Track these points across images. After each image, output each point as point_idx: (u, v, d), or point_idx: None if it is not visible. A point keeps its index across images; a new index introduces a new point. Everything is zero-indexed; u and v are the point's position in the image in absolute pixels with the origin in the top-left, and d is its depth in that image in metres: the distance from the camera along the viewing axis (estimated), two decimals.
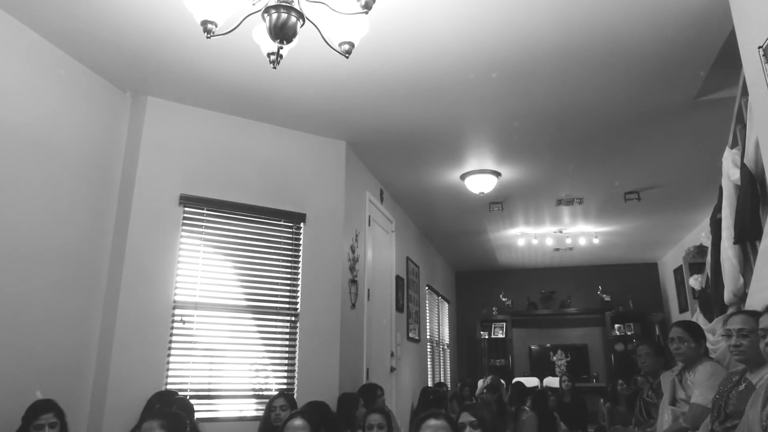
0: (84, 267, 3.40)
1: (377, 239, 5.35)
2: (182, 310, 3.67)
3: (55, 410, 2.77)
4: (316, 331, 4.08)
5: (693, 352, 3.04)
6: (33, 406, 2.73)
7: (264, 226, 4.06)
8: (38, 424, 2.70)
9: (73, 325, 3.30)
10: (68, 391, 3.18)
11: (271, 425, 3.36)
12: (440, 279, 8.76)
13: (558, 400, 7.09)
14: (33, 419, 2.70)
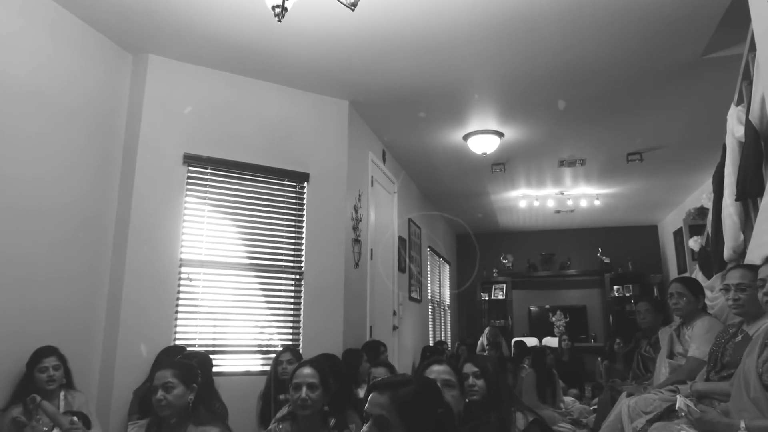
0: (90, 225, 3.44)
1: (380, 200, 5.37)
2: (188, 268, 3.72)
3: (57, 354, 2.86)
4: (320, 289, 4.14)
5: (692, 307, 3.10)
6: (36, 351, 2.82)
7: (268, 185, 4.08)
8: (42, 367, 2.79)
9: (81, 283, 3.36)
10: (79, 348, 3.25)
11: (278, 379, 3.44)
12: (441, 240, 8.82)
13: (557, 359, 7.23)
14: (37, 363, 2.79)
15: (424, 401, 1.42)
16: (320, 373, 2.26)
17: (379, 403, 1.38)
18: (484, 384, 2.39)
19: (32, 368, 2.79)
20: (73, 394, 2.98)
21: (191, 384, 2.31)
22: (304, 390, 2.19)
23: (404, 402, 1.38)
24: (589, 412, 5.68)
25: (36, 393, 2.68)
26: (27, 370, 2.80)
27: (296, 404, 2.20)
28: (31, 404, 2.55)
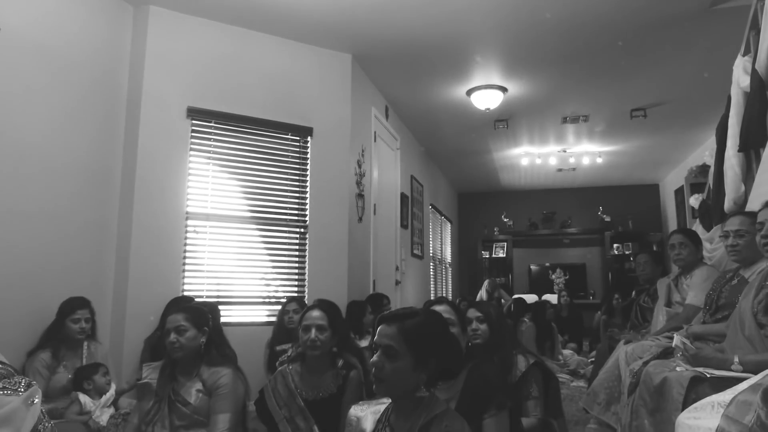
0: (97, 179, 3.47)
1: (382, 156, 5.38)
2: (194, 221, 3.77)
3: (89, 307, 2.96)
4: (324, 242, 4.20)
5: (692, 258, 3.16)
6: (70, 301, 2.91)
7: (272, 139, 4.09)
8: (75, 318, 2.89)
9: (90, 236, 3.41)
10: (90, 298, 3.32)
11: (285, 328, 3.54)
12: (443, 199, 8.86)
13: (556, 315, 7.38)
14: (70, 313, 2.89)
15: (429, 331, 1.48)
16: (329, 315, 2.33)
17: (387, 334, 1.44)
18: (487, 328, 2.47)
19: (64, 318, 2.89)
20: (95, 345, 3.09)
21: (202, 327, 2.38)
22: (314, 331, 2.26)
23: (411, 332, 1.44)
24: (586, 364, 5.83)
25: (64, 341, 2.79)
26: (57, 318, 2.91)
27: (306, 345, 2.27)
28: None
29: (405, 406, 1.48)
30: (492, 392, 1.93)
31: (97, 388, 2.84)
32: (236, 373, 2.41)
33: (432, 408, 1.45)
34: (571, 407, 4.15)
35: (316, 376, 2.31)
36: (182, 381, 2.35)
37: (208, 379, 2.34)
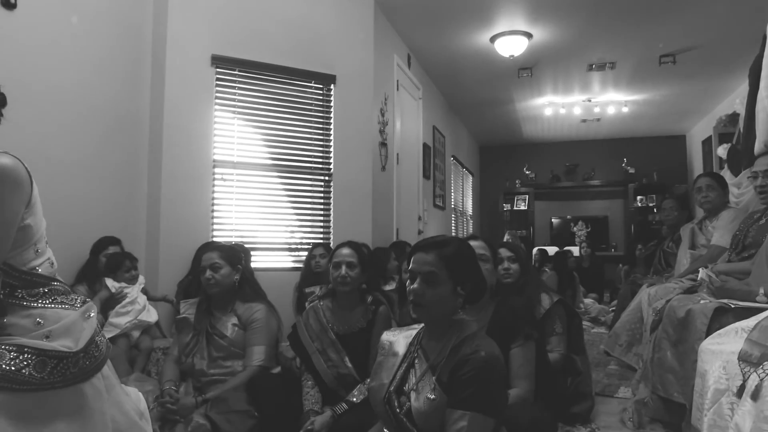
0: (126, 125, 3.53)
1: (405, 105, 5.35)
2: (222, 169, 3.83)
3: (120, 245, 3.08)
4: (349, 190, 4.25)
5: (720, 200, 3.14)
6: (101, 239, 3.04)
7: (295, 87, 4.10)
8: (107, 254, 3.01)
9: (122, 183, 3.50)
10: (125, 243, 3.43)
11: (312, 272, 3.63)
12: (465, 151, 8.81)
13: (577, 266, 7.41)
14: (102, 249, 3.01)
15: (465, 257, 1.54)
16: (358, 253, 2.39)
17: (427, 261, 1.49)
18: (518, 268, 2.52)
19: (97, 254, 3.03)
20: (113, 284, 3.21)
21: (236, 265, 2.47)
22: (344, 268, 2.33)
23: (450, 258, 1.49)
24: (607, 312, 5.89)
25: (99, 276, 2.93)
26: (91, 256, 3.06)
27: (336, 281, 2.35)
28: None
29: (437, 329, 1.54)
30: (519, 324, 1.99)
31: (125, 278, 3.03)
32: (269, 308, 2.51)
33: (463, 330, 1.51)
34: (591, 351, 4.22)
35: (346, 312, 2.40)
36: (218, 316, 2.46)
37: (243, 314, 2.44)
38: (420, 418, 1.44)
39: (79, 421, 1.20)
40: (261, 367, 2.37)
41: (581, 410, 2.58)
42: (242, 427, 2.12)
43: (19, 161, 1.22)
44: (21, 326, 1.19)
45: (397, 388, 1.53)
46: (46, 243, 1.31)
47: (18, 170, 1.20)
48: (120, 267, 3.04)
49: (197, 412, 2.18)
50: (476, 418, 1.37)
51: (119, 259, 3.06)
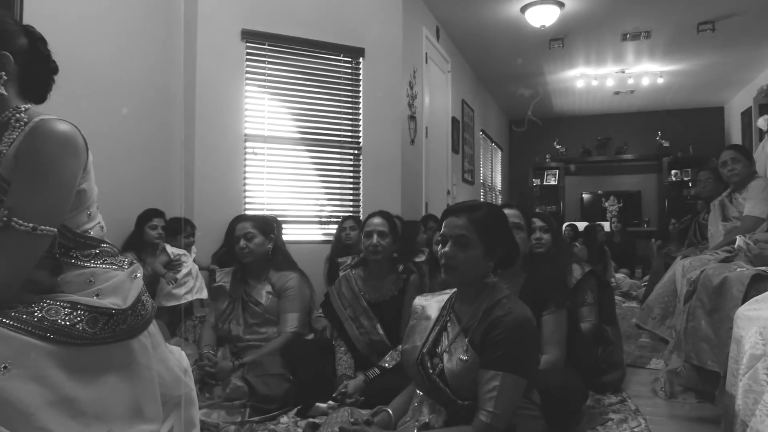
0: (160, 100, 3.59)
1: (433, 78, 5.31)
2: (253, 143, 3.88)
3: (164, 217, 3.18)
4: (378, 163, 4.26)
5: (746, 171, 3.06)
6: (147, 211, 3.15)
7: (324, 60, 4.10)
8: (152, 225, 3.12)
9: (158, 156, 3.57)
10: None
11: (342, 244, 3.68)
12: (494, 125, 8.71)
13: (608, 241, 7.31)
14: (148, 221, 3.11)
15: (496, 221, 1.55)
16: (389, 222, 2.42)
17: (458, 225, 1.51)
18: (550, 238, 2.51)
19: (143, 225, 3.14)
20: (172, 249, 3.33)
21: (269, 234, 2.53)
22: (375, 237, 2.36)
23: (481, 221, 1.51)
24: (639, 287, 5.82)
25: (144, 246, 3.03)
26: (137, 227, 3.19)
27: (368, 250, 2.38)
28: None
29: (469, 292, 1.56)
30: (551, 291, 2.00)
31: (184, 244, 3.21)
32: (302, 277, 2.56)
33: (495, 293, 1.53)
34: (622, 325, 4.17)
35: (378, 280, 2.44)
36: (253, 284, 2.53)
37: (276, 282, 2.50)
38: (452, 379, 1.47)
39: (127, 374, 1.26)
40: (295, 333, 2.44)
41: (612, 379, 2.59)
42: (278, 390, 2.19)
43: (76, 128, 1.27)
44: (74, 284, 1.25)
45: (429, 350, 1.56)
46: (96, 208, 1.37)
47: (76, 136, 1.26)
48: (180, 232, 3.16)
49: (235, 375, 2.25)
50: (508, 378, 1.39)
51: (149, 214, 3.17)
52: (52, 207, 1.21)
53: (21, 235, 1.15)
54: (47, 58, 1.34)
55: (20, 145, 1.20)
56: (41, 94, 1.34)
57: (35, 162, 1.19)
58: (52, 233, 1.20)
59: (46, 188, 1.20)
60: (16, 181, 1.19)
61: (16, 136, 1.23)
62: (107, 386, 1.22)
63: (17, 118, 1.25)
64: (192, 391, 1.49)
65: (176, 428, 1.42)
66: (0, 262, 1.15)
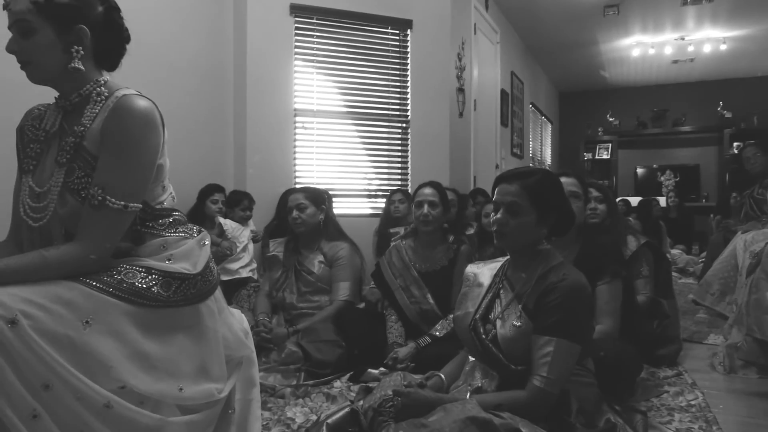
0: (212, 77, 3.68)
1: (482, 50, 5.21)
2: (302, 117, 3.94)
3: (223, 192, 3.29)
4: (426, 137, 4.25)
5: None
6: (208, 186, 3.27)
7: (372, 33, 4.09)
8: (214, 199, 3.24)
9: (211, 132, 3.67)
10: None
11: (391, 217, 3.70)
12: (544, 98, 8.50)
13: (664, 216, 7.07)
14: (209, 195, 3.23)
15: (550, 188, 1.53)
16: (440, 192, 2.43)
17: (510, 192, 1.50)
18: (606, 209, 2.46)
19: (204, 199, 3.26)
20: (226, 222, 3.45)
21: (320, 205, 2.58)
22: (426, 207, 2.37)
23: (533, 188, 1.49)
24: (696, 263, 5.63)
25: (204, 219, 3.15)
26: (199, 201, 3.34)
27: (419, 220, 2.40)
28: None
29: (522, 259, 1.55)
30: (607, 261, 1.97)
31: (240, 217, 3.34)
32: (353, 247, 2.61)
33: (549, 260, 1.52)
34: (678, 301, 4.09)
35: (428, 250, 2.45)
36: (305, 254, 2.59)
37: (328, 252, 2.56)
38: (505, 344, 1.48)
39: (195, 335, 1.33)
40: (346, 301, 2.50)
41: (668, 353, 2.53)
42: (331, 356, 2.26)
43: (153, 103, 1.32)
44: (148, 250, 1.32)
45: (482, 317, 1.57)
46: (168, 179, 1.43)
47: (156, 113, 1.31)
48: (238, 204, 3.30)
49: (289, 341, 2.33)
50: (562, 344, 1.39)
51: (239, 197, 3.33)
52: (138, 184, 1.27)
53: (114, 212, 1.22)
54: (121, 27, 1.37)
55: (105, 123, 1.26)
56: (114, 63, 1.39)
57: (122, 141, 1.24)
58: (138, 209, 1.27)
59: (133, 166, 1.25)
60: (105, 160, 1.24)
61: (98, 111, 1.28)
62: (177, 346, 1.29)
63: (98, 92, 1.30)
64: (252, 353, 1.56)
65: (238, 387, 1.49)
66: (96, 238, 1.21)
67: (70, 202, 1.26)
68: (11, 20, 1.23)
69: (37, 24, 1.22)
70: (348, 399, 1.97)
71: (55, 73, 1.28)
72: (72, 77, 1.29)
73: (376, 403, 1.52)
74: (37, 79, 1.29)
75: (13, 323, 1.03)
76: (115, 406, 1.13)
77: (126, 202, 1.23)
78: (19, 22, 1.22)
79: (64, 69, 1.27)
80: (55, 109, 1.37)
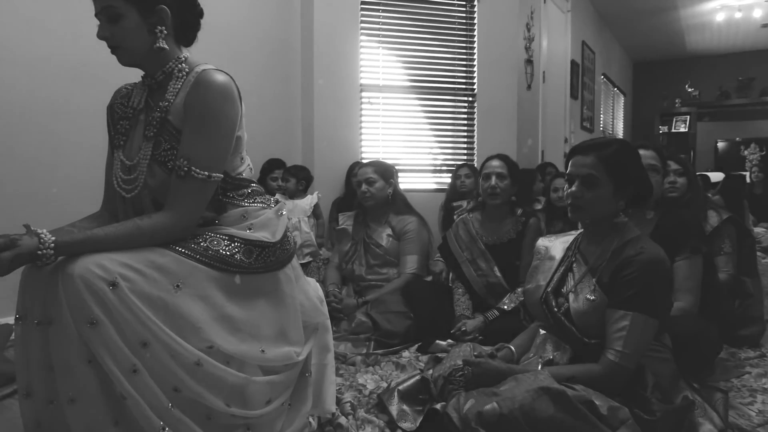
0: (280, 55, 3.75)
1: (552, 19, 5.03)
2: (368, 93, 3.96)
3: (284, 168, 3.36)
4: (492, 110, 4.18)
5: None
6: (269, 162, 3.35)
7: (438, 5, 4.04)
8: (273, 177, 3.32)
9: (279, 108, 3.76)
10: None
11: (457, 192, 3.69)
12: (616, 69, 8.13)
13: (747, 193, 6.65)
14: (269, 172, 3.32)
15: (627, 159, 1.48)
16: (508, 164, 2.39)
17: (586, 164, 1.46)
18: (686, 182, 2.36)
19: (265, 176, 3.36)
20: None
21: (389, 179, 2.60)
22: (494, 179, 2.35)
23: (610, 159, 1.45)
24: None
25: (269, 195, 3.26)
26: (259, 178, 3.39)
27: (486, 193, 2.38)
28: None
29: (597, 232, 1.52)
30: (686, 235, 1.89)
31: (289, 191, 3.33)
32: (421, 221, 2.63)
33: (625, 233, 1.48)
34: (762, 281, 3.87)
35: (495, 223, 2.43)
36: (374, 227, 2.64)
37: (396, 226, 2.59)
38: (578, 318, 1.46)
39: (274, 301, 1.40)
40: (414, 274, 2.53)
41: (750, 333, 2.41)
42: (399, 326, 2.30)
43: (231, 77, 1.37)
44: (230, 219, 1.39)
45: (554, 290, 1.56)
46: (246, 151, 1.49)
47: (233, 87, 1.37)
48: (269, 173, 3.32)
49: (359, 311, 2.39)
50: (639, 318, 1.36)
51: (271, 165, 3.34)
52: (219, 155, 1.34)
53: (198, 182, 1.29)
54: (195, 3, 1.43)
55: (187, 97, 1.32)
56: (191, 39, 1.45)
57: (203, 114, 1.31)
58: (220, 179, 1.34)
59: (215, 138, 1.32)
60: (188, 133, 1.31)
61: (180, 86, 1.35)
62: (258, 310, 1.36)
63: (180, 68, 1.37)
64: (327, 320, 1.62)
65: (314, 352, 1.56)
66: (183, 207, 1.29)
67: (158, 174, 1.34)
68: (98, 8, 1.30)
69: (123, 9, 1.28)
70: (417, 368, 2.00)
71: (142, 55, 1.35)
72: (157, 56, 1.36)
73: (446, 372, 1.55)
74: (127, 62, 1.37)
75: (114, 285, 1.12)
76: (205, 364, 1.21)
77: (209, 172, 1.30)
78: (107, 8, 1.29)
79: (150, 49, 1.34)
80: (141, 87, 1.45)
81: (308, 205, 3.44)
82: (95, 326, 1.10)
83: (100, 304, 1.10)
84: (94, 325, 1.10)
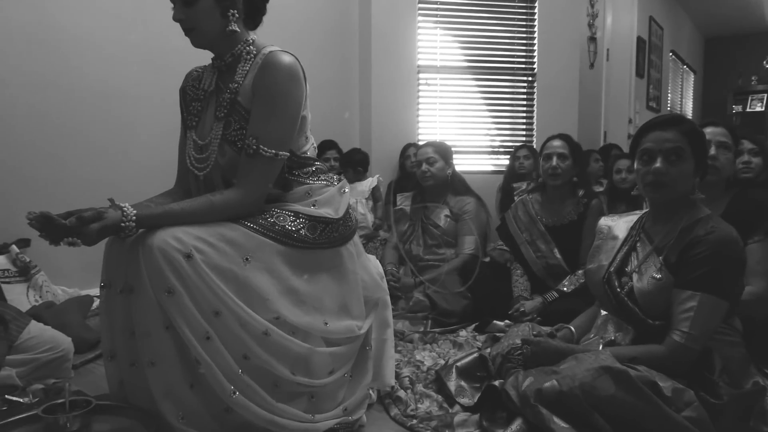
0: (338, 37, 3.78)
1: None
2: (426, 74, 3.94)
3: (337, 148, 3.41)
4: (553, 90, 4.07)
5: None
6: (322, 143, 3.40)
7: None
8: (325, 157, 3.38)
9: (336, 90, 3.81)
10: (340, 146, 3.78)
11: (515, 173, 3.63)
12: (686, 45, 7.73)
13: None
14: (321, 153, 3.38)
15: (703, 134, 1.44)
16: (570, 144, 2.34)
17: (668, 138, 1.41)
18: (761, 162, 2.25)
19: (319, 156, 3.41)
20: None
21: (449, 160, 2.60)
22: (555, 159, 2.31)
23: (692, 134, 1.42)
24: None
25: None
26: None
27: (546, 173, 2.34)
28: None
29: (667, 211, 1.47)
30: (760, 217, 1.81)
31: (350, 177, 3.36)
32: (479, 202, 2.62)
33: (695, 212, 1.43)
34: None
35: (556, 204, 2.40)
36: (432, 208, 2.66)
37: (454, 206, 2.60)
38: (643, 298, 1.43)
39: (336, 275, 1.45)
40: (472, 255, 2.53)
41: None
42: (457, 306, 2.32)
43: (296, 59, 1.42)
44: (295, 196, 1.44)
45: (617, 270, 1.53)
46: (310, 131, 1.53)
47: (299, 68, 1.42)
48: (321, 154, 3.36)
49: (417, 290, 2.43)
50: (707, 299, 1.32)
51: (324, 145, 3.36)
52: (286, 134, 1.39)
53: (266, 160, 1.35)
54: None
55: (255, 79, 1.37)
56: (258, 21, 1.50)
57: (270, 94, 1.36)
58: (287, 157, 1.39)
59: (281, 118, 1.37)
60: (257, 112, 1.36)
61: (248, 68, 1.41)
62: (321, 284, 1.41)
63: (248, 51, 1.43)
64: (387, 296, 1.66)
65: (374, 326, 1.60)
66: (252, 184, 1.35)
67: (229, 153, 1.40)
68: None
69: None
70: (474, 347, 2.02)
71: (215, 37, 1.40)
72: (228, 39, 1.41)
73: (505, 351, 1.56)
74: (200, 44, 1.43)
75: (189, 257, 1.19)
76: (272, 334, 1.28)
77: (276, 151, 1.35)
78: None
79: (222, 32, 1.39)
80: (211, 69, 1.51)
81: (367, 188, 3.48)
82: (172, 295, 1.18)
83: (176, 274, 1.18)
84: (171, 294, 1.18)
